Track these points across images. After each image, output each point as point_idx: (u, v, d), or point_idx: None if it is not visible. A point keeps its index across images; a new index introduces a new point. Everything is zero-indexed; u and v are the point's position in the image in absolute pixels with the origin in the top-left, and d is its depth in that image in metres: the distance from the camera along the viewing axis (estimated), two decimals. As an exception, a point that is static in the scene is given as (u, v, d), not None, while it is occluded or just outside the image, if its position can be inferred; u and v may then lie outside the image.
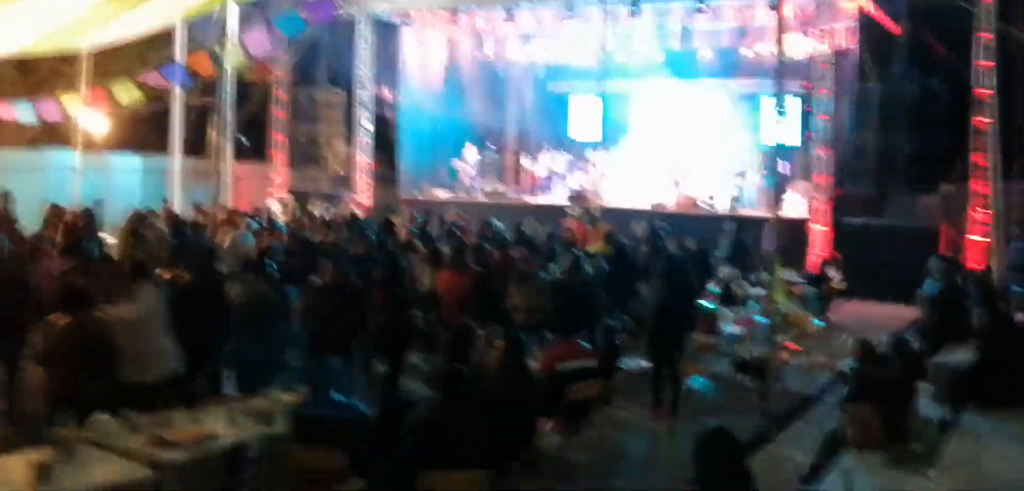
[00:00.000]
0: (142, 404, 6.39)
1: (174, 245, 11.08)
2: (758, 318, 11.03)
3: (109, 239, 13.11)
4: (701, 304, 10.93)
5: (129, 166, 21.83)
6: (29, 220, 13.70)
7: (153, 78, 17.30)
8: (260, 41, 16.75)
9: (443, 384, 6.08)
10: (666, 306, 9.79)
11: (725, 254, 15.17)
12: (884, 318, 14.41)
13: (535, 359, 8.24)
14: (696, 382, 10.48)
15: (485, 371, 6.99)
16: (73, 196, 18.23)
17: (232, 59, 16.49)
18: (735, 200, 19.55)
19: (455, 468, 5.64)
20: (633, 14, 20.26)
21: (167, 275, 8.80)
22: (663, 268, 10.29)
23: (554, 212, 18.59)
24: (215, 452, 5.88)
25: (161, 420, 6.13)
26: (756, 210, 19.78)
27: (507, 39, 24.22)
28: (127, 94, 17.39)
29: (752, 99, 22.46)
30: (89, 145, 20.93)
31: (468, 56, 24.40)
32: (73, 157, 18.87)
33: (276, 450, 6.05)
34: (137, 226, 12.63)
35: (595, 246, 13.96)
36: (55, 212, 13.86)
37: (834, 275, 15.54)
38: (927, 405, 8.61)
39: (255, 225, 14.50)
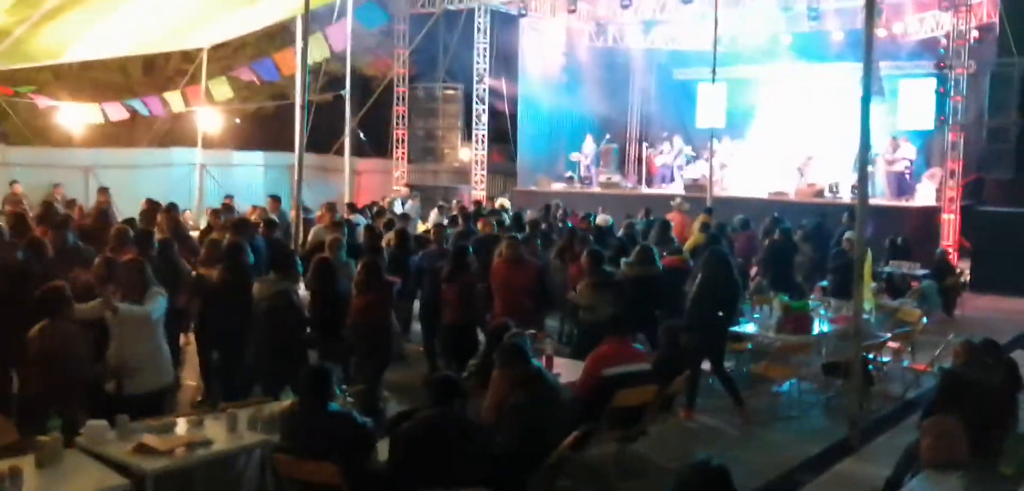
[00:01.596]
0: (142, 410, 6.03)
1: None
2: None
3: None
4: (785, 300, 9.96)
5: (251, 162, 22.20)
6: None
7: (244, 74, 17.32)
8: (341, 35, 16.59)
9: (434, 392, 5.42)
10: (701, 299, 8.83)
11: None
12: (1018, 315, 13.00)
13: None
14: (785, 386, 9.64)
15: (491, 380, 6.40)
16: (193, 192, 18.91)
17: (315, 54, 16.32)
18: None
19: (447, 486, 5.13)
20: (755, -6, 19.23)
21: (199, 272, 8.40)
22: (704, 260, 9.35)
23: (664, 203, 17.73)
24: (199, 461, 5.57)
25: (158, 427, 5.73)
26: (884, 199, 18.44)
27: (627, 27, 23.50)
28: (220, 90, 17.51)
29: (889, 81, 20.98)
30: (213, 144, 21.58)
31: (587, 46, 23.80)
32: (196, 155, 19.25)
33: (269, 460, 5.69)
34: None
35: (693, 239, 13.12)
36: (150, 207, 13.25)
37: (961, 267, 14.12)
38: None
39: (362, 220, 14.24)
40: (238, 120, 27.15)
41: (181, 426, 5.92)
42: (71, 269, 8.12)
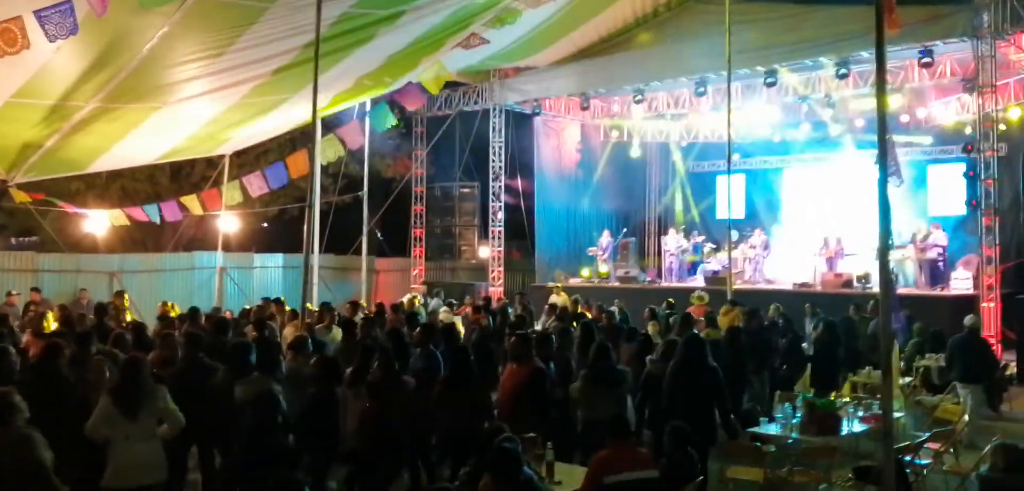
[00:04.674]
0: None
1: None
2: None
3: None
4: (808, 397, 8.68)
5: (271, 264, 21.74)
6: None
7: (255, 179, 16.92)
8: (355, 135, 16.13)
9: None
10: (670, 386, 7.85)
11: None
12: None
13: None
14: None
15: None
16: (214, 295, 18.78)
17: (330, 154, 15.89)
18: (892, 278, 16.79)
19: None
20: (769, 85, 18.19)
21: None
22: (679, 346, 8.26)
23: (685, 295, 16.49)
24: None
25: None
26: (916, 288, 17.14)
27: (642, 121, 22.62)
28: (231, 195, 17.18)
29: (917, 167, 19.82)
30: (238, 246, 21.21)
31: (602, 141, 22.97)
32: (217, 258, 18.97)
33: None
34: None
35: (718, 328, 11.90)
36: (164, 310, 13.52)
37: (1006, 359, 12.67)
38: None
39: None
40: (265, 223, 26.66)
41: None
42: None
